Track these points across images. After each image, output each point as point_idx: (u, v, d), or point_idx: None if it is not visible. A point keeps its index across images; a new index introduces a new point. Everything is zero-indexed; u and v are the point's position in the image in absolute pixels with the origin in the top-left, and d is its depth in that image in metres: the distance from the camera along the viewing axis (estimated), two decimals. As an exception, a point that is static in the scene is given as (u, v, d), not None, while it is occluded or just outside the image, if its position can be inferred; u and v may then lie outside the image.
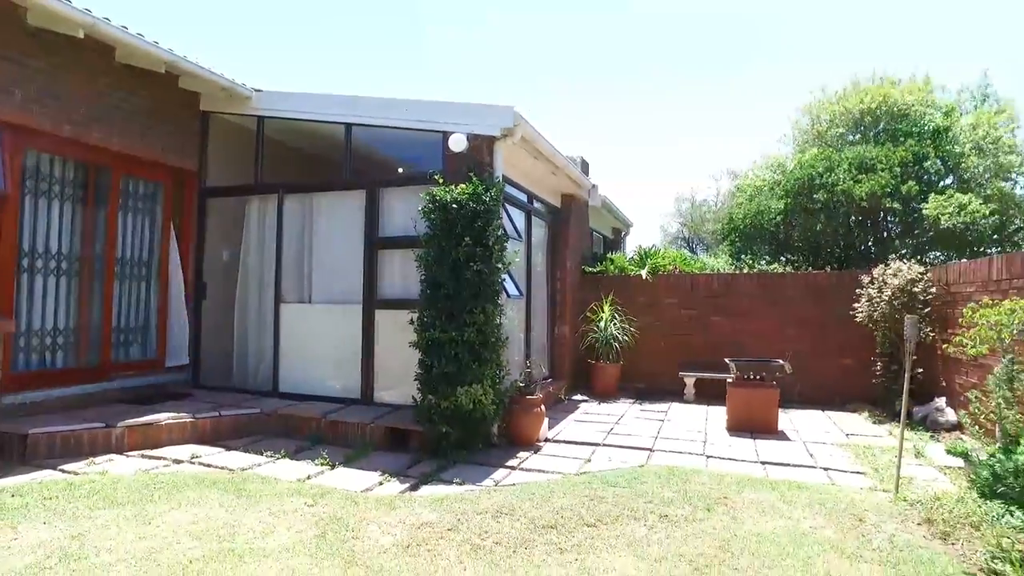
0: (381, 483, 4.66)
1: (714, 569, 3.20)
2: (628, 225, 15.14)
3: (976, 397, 4.51)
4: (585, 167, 10.58)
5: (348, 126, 6.55)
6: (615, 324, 9.16)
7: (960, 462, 4.89)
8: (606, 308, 9.27)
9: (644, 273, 9.60)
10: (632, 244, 27.48)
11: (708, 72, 42.00)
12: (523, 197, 7.80)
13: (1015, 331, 4.66)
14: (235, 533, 3.46)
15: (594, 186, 9.71)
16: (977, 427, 4.52)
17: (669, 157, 46.37)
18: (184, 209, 7.20)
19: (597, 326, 9.19)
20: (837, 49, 35.80)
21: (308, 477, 4.71)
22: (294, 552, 3.25)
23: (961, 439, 5.83)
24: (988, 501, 3.80)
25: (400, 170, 8.25)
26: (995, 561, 3.31)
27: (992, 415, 4.20)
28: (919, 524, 3.95)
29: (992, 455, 3.31)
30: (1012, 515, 3.57)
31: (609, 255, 10.73)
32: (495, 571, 3.14)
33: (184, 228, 7.19)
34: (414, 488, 4.57)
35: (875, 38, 34.34)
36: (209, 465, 4.93)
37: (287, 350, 6.80)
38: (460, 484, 4.66)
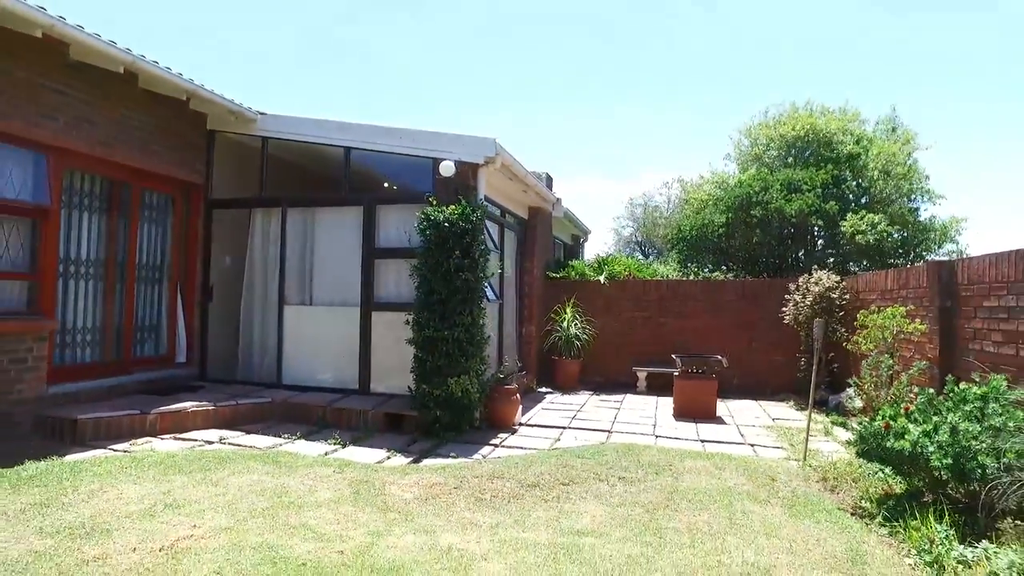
0: (389, 457, 5.59)
1: (660, 511, 4.27)
2: (586, 232, 16.32)
3: (855, 383, 5.76)
4: (549, 181, 11.63)
5: (347, 149, 7.42)
6: (576, 324, 10.25)
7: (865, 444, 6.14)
8: (568, 310, 10.35)
9: (602, 279, 10.72)
10: (589, 247, 28.72)
11: (669, 84, 43.82)
12: (497, 212, 8.79)
13: (894, 331, 5.92)
14: (287, 491, 4.35)
15: (558, 200, 10.78)
16: (860, 405, 5.74)
17: (625, 160, 48.13)
18: (192, 219, 7.92)
19: (560, 326, 10.25)
20: (788, 73, 38.14)
21: (326, 453, 5.60)
22: (339, 503, 4.17)
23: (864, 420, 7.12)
24: (867, 462, 4.99)
25: (386, 185, 9.13)
26: (862, 501, 4.50)
27: (866, 395, 5.42)
28: (817, 482, 5.12)
29: (861, 422, 4.46)
30: (883, 472, 4.75)
31: (571, 262, 11.82)
32: (496, 514, 4.13)
33: (191, 236, 7.91)
34: (417, 460, 5.52)
35: (816, 70, 36.77)
36: (238, 445, 5.76)
37: (290, 346, 7.63)
38: (455, 457, 5.64)
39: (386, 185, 9.17)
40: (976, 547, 3.42)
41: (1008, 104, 35.16)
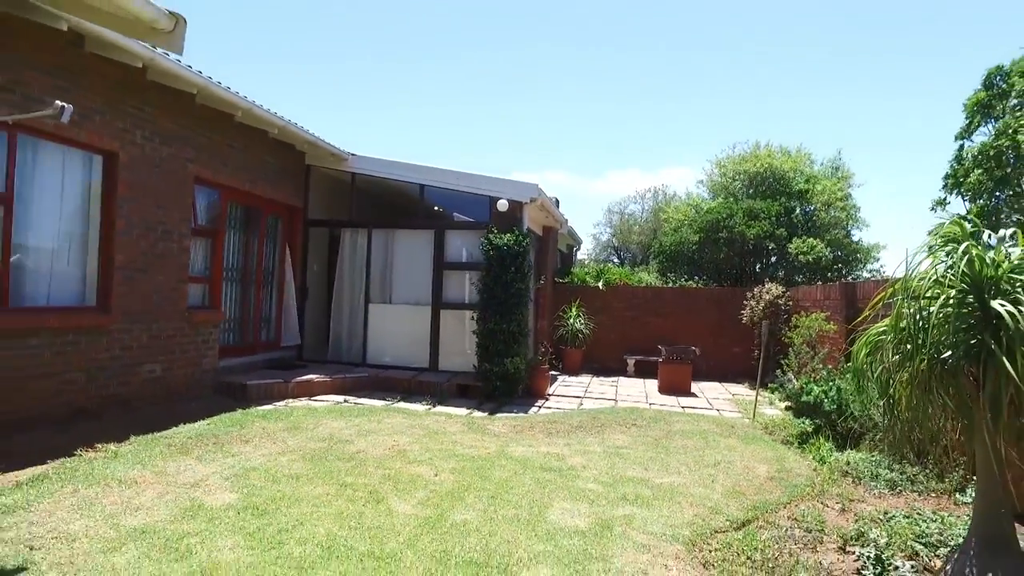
0: (471, 412, 8.02)
1: (662, 439, 6.81)
2: (579, 242, 18.93)
3: (784, 364, 8.43)
4: (557, 203, 14.12)
5: (422, 186, 9.80)
6: (579, 321, 12.78)
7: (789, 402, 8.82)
8: (573, 309, 12.87)
9: (600, 284, 13.29)
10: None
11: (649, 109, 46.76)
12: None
13: (816, 330, 8.61)
14: (427, 426, 6.77)
15: (565, 220, 13.28)
16: (796, 386, 8.40)
17: (592, 159, 50.99)
18: (293, 235, 10.19)
19: (567, 322, 12.77)
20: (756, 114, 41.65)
21: (428, 409, 8.00)
22: (464, 433, 6.61)
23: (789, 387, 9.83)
24: (795, 417, 7.62)
25: (436, 207, 11.51)
26: (788, 437, 7.11)
27: (792, 372, 8.09)
28: (761, 429, 7.73)
29: (786, 389, 7.08)
30: (805, 423, 7.38)
31: (573, 270, 14.36)
32: (564, 439, 6.61)
33: (293, 249, 10.18)
34: (492, 413, 7.96)
35: (777, 114, 40.23)
36: (362, 403, 8.11)
37: (373, 335, 9.98)
38: (516, 413, 8.10)
39: (436, 208, 11.53)
40: (844, 453, 6.06)
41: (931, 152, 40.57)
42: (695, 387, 11.11)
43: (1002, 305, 2.91)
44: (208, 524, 3.69)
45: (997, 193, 11.86)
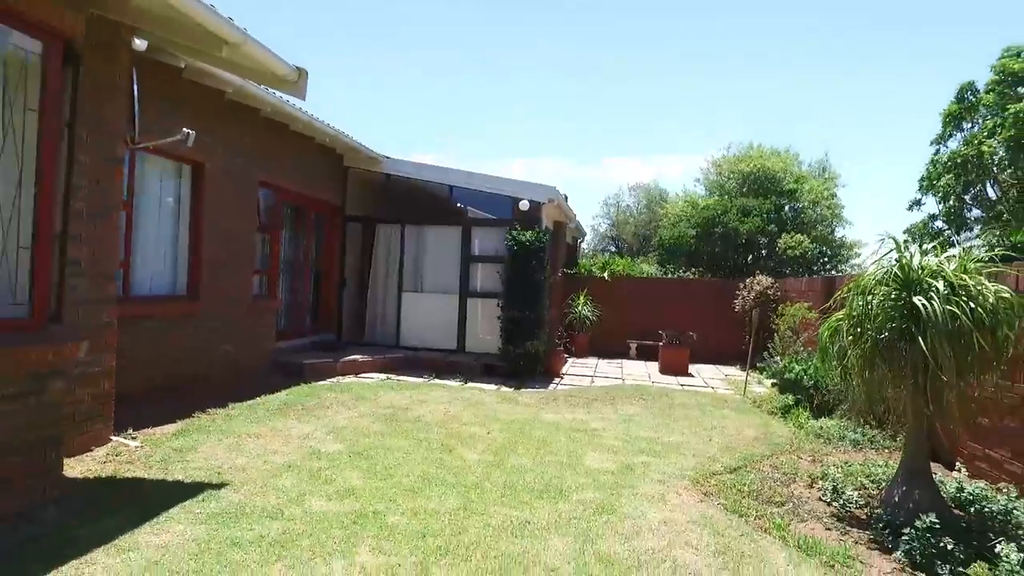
0: (499, 388, 9.19)
1: (667, 410, 8.02)
2: (583, 234, 20.07)
3: (771, 348, 9.66)
4: (566, 199, 15.24)
5: (451, 187, 10.91)
6: (586, 308, 13.97)
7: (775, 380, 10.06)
8: (581, 298, 14.05)
9: (605, 275, 14.47)
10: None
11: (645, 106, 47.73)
12: (539, 227, 12.38)
13: (800, 317, 9.83)
14: (468, 398, 7.95)
15: (575, 215, 14.42)
16: (780, 366, 9.62)
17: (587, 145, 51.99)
18: (333, 230, 11.30)
19: (575, 309, 13.95)
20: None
21: (461, 384, 9.17)
22: (500, 403, 7.80)
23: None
24: (780, 393, 8.84)
25: (459, 204, 12.61)
26: (773, 409, 8.33)
27: (778, 354, 9.31)
28: (750, 403, 8.95)
29: (771, 368, 8.28)
30: (788, 398, 8.60)
31: (580, 260, 15.52)
32: (583, 409, 7.81)
33: (333, 243, 11.30)
34: (517, 389, 9.14)
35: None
36: (403, 380, 9.26)
37: (406, 320, 11.13)
38: (539, 388, 9.29)
39: (459, 205, 12.63)
40: (819, 420, 7.29)
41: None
42: (692, 368, 12.35)
43: (919, 300, 4.09)
44: (331, 463, 4.86)
45: (964, 196, 13.09)
